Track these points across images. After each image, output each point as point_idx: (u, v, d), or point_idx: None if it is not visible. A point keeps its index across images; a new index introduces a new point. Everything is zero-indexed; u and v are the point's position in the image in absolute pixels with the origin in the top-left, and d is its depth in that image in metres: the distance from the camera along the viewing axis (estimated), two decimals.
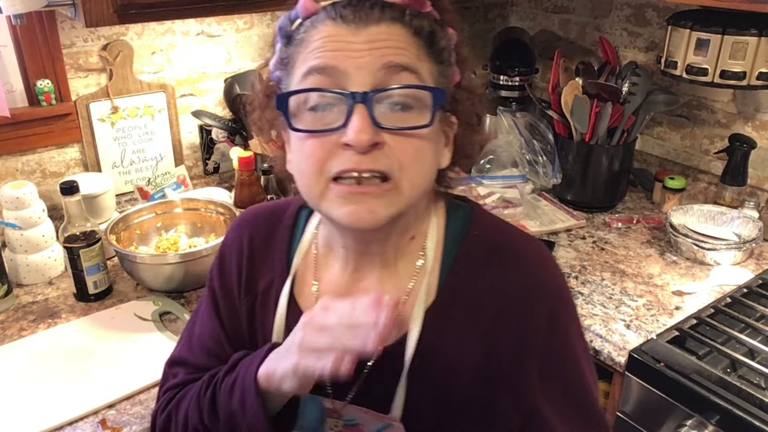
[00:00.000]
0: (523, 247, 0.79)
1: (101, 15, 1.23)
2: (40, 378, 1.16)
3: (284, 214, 0.87)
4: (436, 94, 0.67)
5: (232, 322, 0.86)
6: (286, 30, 0.71)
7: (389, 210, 0.68)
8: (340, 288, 0.80)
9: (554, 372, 0.76)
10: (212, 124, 1.80)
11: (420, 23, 0.68)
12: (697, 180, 1.87)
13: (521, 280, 0.75)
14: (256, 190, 1.55)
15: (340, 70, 0.65)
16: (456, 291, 0.76)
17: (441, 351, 0.74)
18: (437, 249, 0.78)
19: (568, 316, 0.79)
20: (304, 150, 0.68)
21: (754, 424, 1.06)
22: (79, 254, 1.34)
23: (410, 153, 0.67)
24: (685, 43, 1.55)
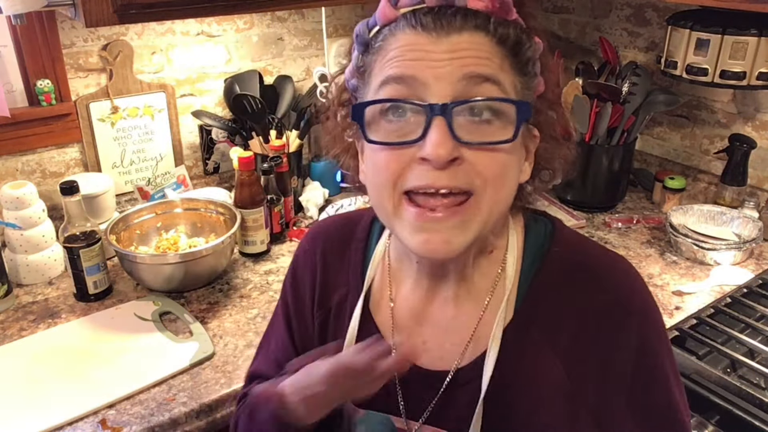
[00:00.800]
0: (607, 265, 0.74)
1: (101, 15, 1.23)
2: (40, 378, 1.16)
3: (357, 225, 0.84)
4: (521, 108, 0.64)
5: (304, 337, 0.85)
6: (363, 37, 0.68)
7: (465, 237, 0.64)
8: (414, 303, 0.77)
9: (643, 399, 0.71)
10: (212, 124, 1.80)
11: (505, 31, 0.64)
12: (697, 180, 1.87)
13: (605, 299, 0.70)
14: (256, 190, 1.55)
15: (419, 80, 0.62)
16: (535, 309, 0.72)
17: (520, 372, 0.70)
18: (516, 265, 0.74)
19: (657, 339, 0.73)
20: (379, 162, 0.65)
21: (754, 424, 1.06)
22: (79, 254, 1.34)
23: (492, 168, 0.63)
24: (685, 43, 1.55)
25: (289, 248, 1.63)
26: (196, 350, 1.22)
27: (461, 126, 0.62)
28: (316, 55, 1.96)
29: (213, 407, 1.12)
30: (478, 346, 0.73)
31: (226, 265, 1.49)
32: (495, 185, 0.64)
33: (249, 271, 1.52)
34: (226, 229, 1.48)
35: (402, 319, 0.78)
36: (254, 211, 1.54)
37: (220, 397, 1.13)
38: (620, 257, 0.77)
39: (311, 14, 1.90)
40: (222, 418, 1.13)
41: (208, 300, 1.41)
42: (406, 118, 0.64)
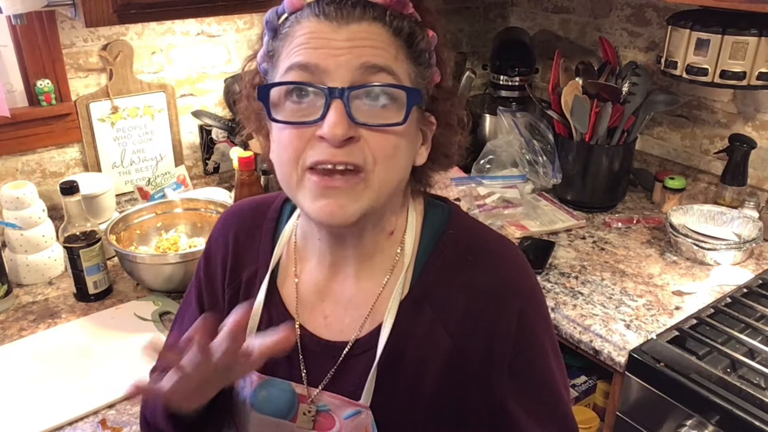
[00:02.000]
0: (496, 248, 0.81)
1: (101, 15, 1.23)
2: (40, 378, 1.16)
3: (269, 207, 0.89)
4: (411, 94, 0.69)
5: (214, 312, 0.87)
6: (272, 23, 0.74)
7: (358, 205, 0.69)
8: (318, 278, 0.82)
9: (524, 371, 0.78)
10: (212, 124, 1.80)
11: (400, 24, 0.70)
12: (697, 180, 1.87)
13: (493, 280, 0.77)
14: (256, 190, 1.55)
15: (320, 68, 0.68)
16: (428, 287, 0.78)
17: (411, 344, 0.77)
18: (414, 245, 0.80)
19: (538, 317, 0.80)
20: (283, 139, 0.71)
21: (754, 424, 1.06)
22: (79, 254, 1.34)
23: (384, 148, 0.69)
24: (685, 43, 1.55)
25: None
26: None
27: (357, 109, 0.68)
28: None
29: None
30: (375, 320, 0.78)
31: None
32: (385, 163, 0.70)
33: None
34: None
35: (306, 294, 0.83)
36: None
37: None
38: (509, 241, 0.84)
39: None
40: None
41: None
42: (308, 100, 0.69)
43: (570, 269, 1.53)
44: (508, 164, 1.90)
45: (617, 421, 1.29)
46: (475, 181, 1.84)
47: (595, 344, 1.28)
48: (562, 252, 1.60)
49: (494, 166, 1.90)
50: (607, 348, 1.27)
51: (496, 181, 1.85)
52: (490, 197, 1.80)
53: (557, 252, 1.60)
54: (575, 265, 1.54)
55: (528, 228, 1.69)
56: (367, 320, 0.79)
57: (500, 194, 1.81)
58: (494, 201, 1.79)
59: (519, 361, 0.77)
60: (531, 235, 1.67)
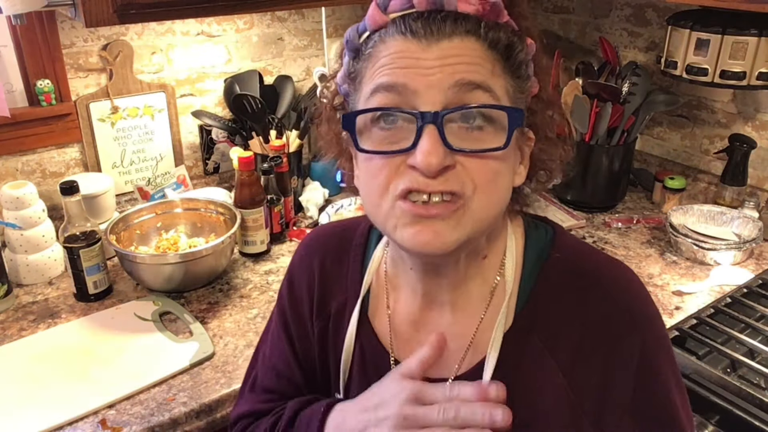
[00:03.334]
0: (610, 273, 0.73)
1: (101, 15, 1.23)
2: (40, 378, 1.16)
3: (354, 233, 0.84)
4: (513, 114, 0.63)
5: (303, 344, 0.84)
6: (353, 43, 0.68)
7: (457, 234, 0.63)
8: (412, 309, 0.77)
9: (645, 413, 0.70)
10: (212, 124, 1.80)
11: (496, 35, 0.64)
12: (697, 180, 1.87)
13: (608, 309, 0.70)
14: (256, 190, 1.55)
15: (409, 89, 0.62)
16: (536, 316, 0.71)
17: (519, 379, 0.70)
18: (516, 270, 0.73)
19: (662, 351, 0.72)
20: (371, 168, 0.65)
21: (754, 424, 1.06)
22: (79, 254, 1.34)
23: (484, 174, 0.63)
24: (685, 43, 1.55)
25: (289, 248, 1.63)
26: (196, 350, 1.22)
27: (453, 133, 0.61)
28: (316, 55, 1.96)
29: (213, 407, 1.12)
30: (477, 353, 0.72)
31: (226, 265, 1.49)
32: (486, 190, 0.64)
33: (249, 271, 1.52)
34: (226, 229, 1.48)
35: (400, 325, 0.78)
36: (254, 211, 1.54)
37: (220, 397, 1.13)
38: (623, 264, 0.76)
39: (311, 14, 1.90)
40: (222, 418, 1.13)
41: (208, 300, 1.41)
42: (397, 125, 0.63)
43: None
44: None
45: None
46: None
47: None
48: None
49: None
50: None
51: None
52: None
53: None
54: None
55: None
56: (468, 353, 0.73)
57: None
58: None
59: (641, 400, 0.69)
60: None
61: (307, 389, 0.85)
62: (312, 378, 0.85)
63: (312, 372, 0.85)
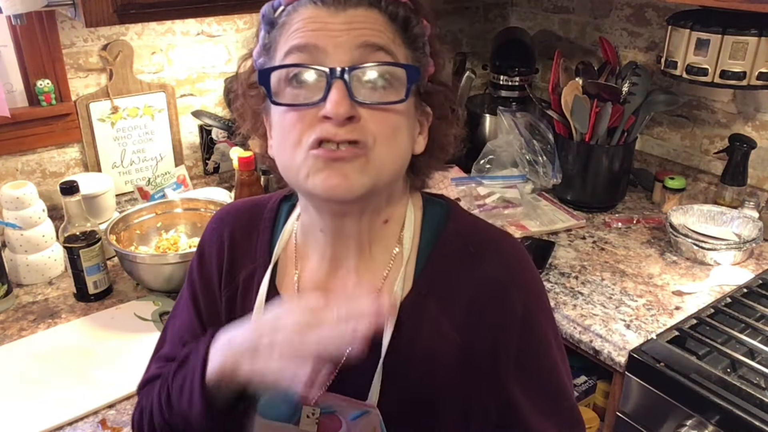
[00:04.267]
0: (498, 242, 0.81)
1: (101, 15, 1.23)
2: (40, 378, 1.16)
3: (265, 206, 0.89)
4: (410, 71, 0.70)
5: (211, 314, 0.87)
6: (269, 17, 0.75)
7: (363, 178, 0.69)
8: (319, 276, 0.82)
9: (528, 364, 0.78)
10: (212, 124, 1.80)
11: (395, 10, 0.72)
12: (697, 180, 1.87)
13: (496, 273, 0.78)
14: (256, 190, 1.55)
15: (319, 48, 0.69)
16: (432, 281, 0.78)
17: (417, 340, 0.76)
18: (414, 239, 0.80)
19: (541, 310, 0.81)
20: (285, 123, 0.71)
21: (754, 424, 1.06)
22: (79, 254, 1.34)
23: (385, 127, 0.70)
24: (685, 43, 1.55)
25: None
26: None
27: (357, 89, 0.68)
28: None
29: None
30: None
31: None
32: (386, 142, 0.70)
33: None
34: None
35: (306, 291, 0.82)
36: None
37: None
38: (508, 235, 0.85)
39: None
40: None
41: None
42: (308, 83, 0.69)
43: (570, 269, 1.52)
44: (508, 164, 1.90)
45: (617, 421, 1.29)
46: (475, 181, 1.83)
47: (595, 344, 1.28)
48: (562, 252, 1.60)
49: (494, 166, 1.89)
50: (607, 348, 1.27)
51: (496, 181, 1.85)
52: (490, 197, 1.80)
53: (557, 252, 1.60)
54: (575, 265, 1.54)
55: (528, 228, 1.69)
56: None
57: (500, 194, 1.81)
58: (494, 201, 1.78)
59: (524, 353, 0.78)
60: (531, 235, 1.67)
61: None
62: None
63: None
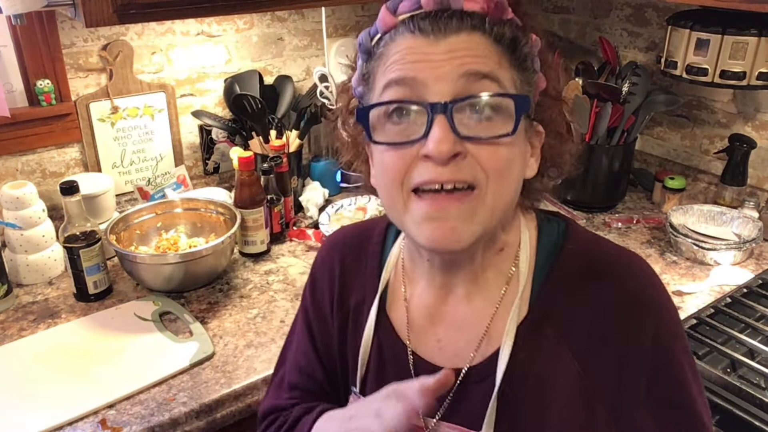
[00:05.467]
0: (622, 261, 0.75)
1: (101, 15, 1.23)
2: (40, 378, 1.16)
3: (373, 232, 0.87)
4: (519, 102, 0.65)
5: (325, 341, 0.87)
6: (366, 46, 0.71)
7: (473, 228, 0.65)
8: (429, 303, 0.79)
9: (662, 397, 0.71)
10: (212, 124, 1.80)
11: (501, 30, 0.67)
12: (697, 180, 1.87)
13: (621, 296, 0.71)
14: (256, 190, 1.55)
15: (419, 81, 0.64)
16: (550, 306, 0.73)
17: (534, 368, 0.71)
18: (530, 261, 0.75)
19: (675, 335, 0.73)
20: (385, 162, 0.68)
21: (754, 424, 1.06)
22: (79, 254, 1.34)
23: (495, 162, 0.65)
24: (685, 43, 1.55)
25: (289, 248, 1.63)
26: (196, 350, 1.22)
27: (462, 123, 0.64)
28: (316, 55, 1.96)
29: (213, 407, 1.12)
30: (492, 343, 0.74)
31: (226, 265, 1.49)
32: (498, 178, 0.65)
33: (249, 271, 1.52)
34: (226, 229, 1.48)
35: (416, 318, 0.79)
36: (254, 211, 1.54)
37: (220, 397, 1.13)
38: (634, 254, 0.77)
39: (311, 14, 1.90)
40: (222, 418, 1.13)
41: (208, 300, 1.41)
42: (410, 119, 0.66)
43: None
44: None
45: None
46: None
47: None
48: None
49: None
50: None
51: None
52: None
53: None
54: None
55: None
56: (483, 343, 0.74)
57: None
58: None
59: (657, 386, 0.71)
60: None
61: (328, 385, 0.88)
62: (333, 374, 0.87)
63: (333, 368, 0.87)
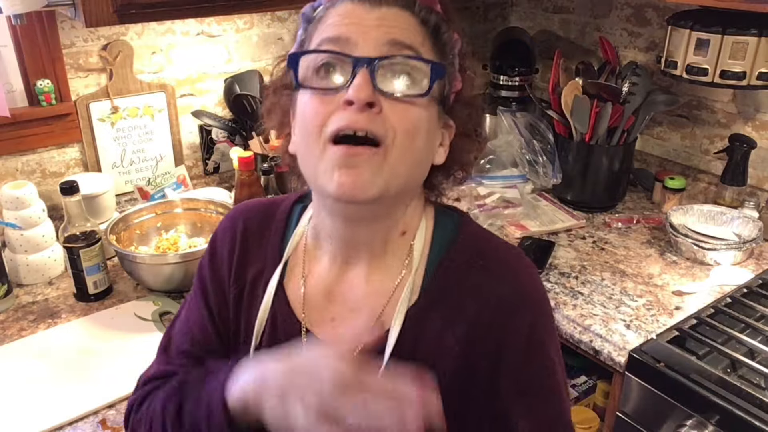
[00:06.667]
0: (507, 256, 0.81)
1: (101, 15, 1.23)
2: (40, 378, 1.16)
3: (279, 207, 0.89)
4: (435, 67, 0.71)
5: (221, 310, 0.87)
6: (307, 15, 0.77)
7: (375, 179, 0.69)
8: (328, 282, 0.81)
9: (532, 385, 0.77)
10: (212, 124, 1.80)
11: (427, 15, 0.73)
12: (697, 180, 1.87)
13: (504, 288, 0.77)
14: (256, 190, 1.55)
15: (350, 41, 0.70)
16: (438, 293, 0.77)
17: (419, 351, 0.76)
18: (424, 251, 0.80)
19: (548, 330, 0.80)
20: (307, 111, 0.72)
21: (754, 424, 1.06)
22: (79, 254, 1.34)
23: (405, 122, 0.70)
24: (685, 43, 1.55)
25: None
26: None
27: (381, 80, 0.69)
28: None
29: None
30: (383, 325, 0.77)
31: None
32: (405, 138, 0.70)
33: None
34: None
35: (313, 295, 0.82)
36: None
37: None
38: (520, 251, 0.84)
39: None
40: None
41: None
42: (335, 74, 0.71)
43: (570, 269, 1.52)
44: (508, 164, 1.90)
45: (617, 421, 1.29)
46: (475, 181, 1.84)
47: (595, 344, 1.28)
48: (562, 252, 1.60)
49: (494, 166, 1.90)
50: (607, 348, 1.27)
51: (496, 181, 1.85)
52: (490, 197, 1.80)
53: (557, 252, 1.60)
54: (575, 265, 1.54)
55: (528, 228, 1.69)
56: (375, 326, 0.78)
57: (500, 194, 1.81)
58: (494, 201, 1.79)
59: (527, 375, 0.77)
60: (531, 235, 1.67)
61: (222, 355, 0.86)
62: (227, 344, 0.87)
63: (227, 338, 0.87)
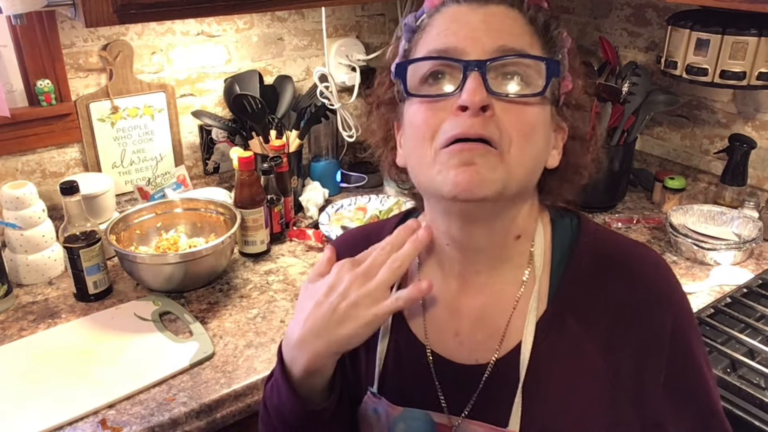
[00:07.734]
0: (639, 256, 0.76)
1: (101, 15, 1.23)
2: (40, 378, 1.16)
3: (381, 231, 0.85)
4: (550, 64, 0.68)
5: None
6: (410, 26, 0.74)
7: (493, 175, 0.66)
8: (446, 296, 0.78)
9: (680, 388, 0.73)
10: (212, 124, 1.80)
11: (535, 14, 0.71)
12: (697, 180, 1.87)
13: (638, 291, 0.73)
14: (256, 190, 1.55)
15: (458, 50, 0.67)
16: (568, 300, 0.74)
17: (556, 362, 0.72)
18: (545, 256, 0.76)
19: (691, 327, 0.75)
20: (417, 120, 0.70)
21: (754, 424, 1.06)
22: (79, 254, 1.34)
23: (520, 124, 0.67)
24: (685, 43, 1.55)
25: (289, 248, 1.63)
26: (196, 350, 1.22)
27: (494, 82, 0.67)
28: (316, 55, 1.96)
29: (213, 407, 1.12)
30: (513, 338, 0.74)
31: (226, 265, 1.49)
32: (521, 140, 0.67)
33: (249, 271, 1.52)
34: (226, 229, 1.48)
35: (433, 311, 0.79)
36: (254, 211, 1.54)
37: (220, 397, 1.13)
38: (648, 248, 0.79)
39: (311, 14, 1.90)
40: (222, 418, 1.13)
41: (208, 300, 1.41)
42: (444, 81, 0.68)
43: None
44: None
45: None
46: None
47: None
48: None
49: None
50: None
51: None
52: None
53: None
54: None
55: None
56: (504, 338, 0.74)
57: None
58: None
59: (675, 376, 0.73)
60: None
61: None
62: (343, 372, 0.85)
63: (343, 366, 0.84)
